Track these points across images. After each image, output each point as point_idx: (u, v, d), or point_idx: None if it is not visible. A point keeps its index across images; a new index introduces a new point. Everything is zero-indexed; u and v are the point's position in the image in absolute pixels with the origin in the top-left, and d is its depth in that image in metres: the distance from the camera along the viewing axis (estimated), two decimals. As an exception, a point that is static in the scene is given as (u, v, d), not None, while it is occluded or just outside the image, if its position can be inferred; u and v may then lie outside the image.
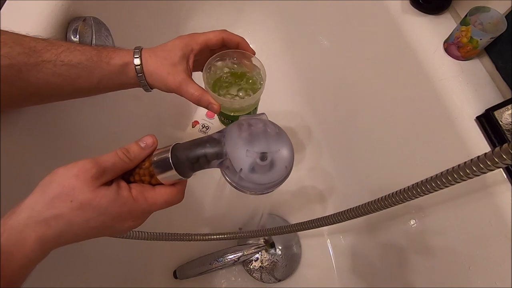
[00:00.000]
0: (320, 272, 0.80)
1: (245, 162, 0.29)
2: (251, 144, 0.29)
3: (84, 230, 0.27)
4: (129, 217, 0.29)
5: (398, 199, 0.36)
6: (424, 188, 0.32)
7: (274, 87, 0.97)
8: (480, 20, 0.52)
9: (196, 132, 0.86)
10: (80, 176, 0.26)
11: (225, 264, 0.74)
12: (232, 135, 0.30)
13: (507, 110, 0.47)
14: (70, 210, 0.26)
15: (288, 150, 0.31)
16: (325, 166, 0.88)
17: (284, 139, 0.31)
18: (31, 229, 0.25)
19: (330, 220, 0.46)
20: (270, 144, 0.30)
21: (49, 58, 0.34)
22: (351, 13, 0.76)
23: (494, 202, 0.46)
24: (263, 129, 0.31)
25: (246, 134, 0.30)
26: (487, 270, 0.46)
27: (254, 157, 0.29)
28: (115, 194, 0.27)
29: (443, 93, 0.53)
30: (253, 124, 0.31)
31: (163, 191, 0.30)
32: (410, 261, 0.61)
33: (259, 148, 0.29)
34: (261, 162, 0.29)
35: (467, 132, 0.50)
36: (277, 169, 0.30)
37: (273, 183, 0.31)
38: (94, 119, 0.58)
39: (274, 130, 0.31)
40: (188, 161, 0.29)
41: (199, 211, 0.84)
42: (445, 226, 0.54)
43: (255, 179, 0.30)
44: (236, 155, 0.29)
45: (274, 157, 0.30)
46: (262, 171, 0.30)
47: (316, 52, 0.89)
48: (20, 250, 0.24)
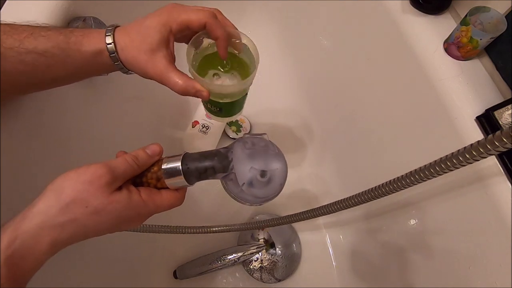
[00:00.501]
0: (320, 272, 0.80)
1: (248, 177, 0.33)
2: (254, 162, 0.33)
3: (94, 231, 0.28)
4: (137, 219, 0.31)
5: (393, 187, 0.37)
6: (422, 174, 0.34)
7: (274, 87, 0.97)
8: (480, 20, 0.52)
9: (196, 132, 0.86)
10: (95, 182, 0.27)
11: (225, 264, 0.74)
12: (238, 152, 0.33)
13: (507, 110, 0.47)
14: (85, 215, 0.26)
15: (284, 170, 0.34)
16: (325, 166, 0.88)
17: (282, 159, 0.35)
18: (46, 233, 0.25)
19: (325, 210, 0.47)
20: (270, 163, 0.33)
21: (11, 45, 0.32)
22: (351, 13, 0.76)
23: (494, 202, 0.46)
24: (264, 148, 0.34)
25: (249, 152, 0.33)
26: (487, 270, 0.46)
27: (255, 174, 0.32)
28: (128, 199, 0.29)
29: (443, 93, 0.53)
30: (256, 143, 0.34)
31: (169, 195, 0.32)
32: (410, 261, 0.61)
33: (261, 165, 0.33)
34: (261, 179, 0.33)
35: (467, 132, 0.50)
36: (273, 185, 0.34)
37: (268, 198, 0.34)
38: (94, 119, 0.58)
39: (274, 150, 0.35)
40: (197, 171, 0.32)
41: (198, 212, 0.84)
42: (445, 226, 0.54)
43: (253, 193, 0.33)
44: (241, 170, 0.32)
45: (272, 175, 0.33)
46: (260, 186, 0.33)
47: (316, 52, 0.89)
48: (33, 254, 0.25)
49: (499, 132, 0.26)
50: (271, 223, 0.57)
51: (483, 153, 0.27)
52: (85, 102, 0.56)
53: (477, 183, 0.48)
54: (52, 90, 0.37)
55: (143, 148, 0.32)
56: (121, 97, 0.67)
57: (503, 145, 0.26)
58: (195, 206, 0.84)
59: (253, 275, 0.77)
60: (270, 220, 0.57)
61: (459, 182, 0.50)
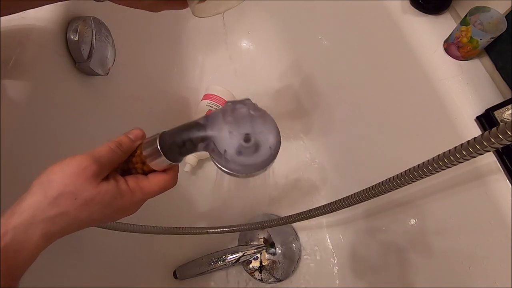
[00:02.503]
0: (320, 272, 0.80)
1: (229, 144, 0.30)
2: (235, 127, 0.30)
3: (87, 222, 0.28)
4: (128, 207, 0.30)
5: (390, 185, 0.37)
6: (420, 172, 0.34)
7: (274, 86, 0.97)
8: (480, 20, 0.52)
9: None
10: (81, 173, 0.26)
11: (225, 265, 0.74)
12: (216, 119, 0.31)
13: (507, 110, 0.47)
14: (75, 207, 0.26)
15: (272, 132, 0.32)
16: (325, 165, 0.88)
17: (268, 121, 0.32)
18: (36, 227, 0.25)
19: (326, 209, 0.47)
20: (254, 126, 0.31)
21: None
22: (351, 13, 0.76)
23: (494, 201, 0.46)
24: (247, 112, 0.31)
25: (230, 118, 0.31)
26: (487, 270, 0.46)
27: (238, 139, 0.30)
28: (115, 188, 0.28)
29: (443, 93, 0.53)
30: (237, 108, 0.31)
31: (157, 179, 0.31)
32: (410, 261, 0.61)
33: (242, 129, 0.30)
34: (246, 144, 0.30)
35: (467, 132, 0.50)
36: (262, 150, 0.31)
37: (259, 165, 0.31)
38: (93, 119, 0.58)
39: (258, 113, 0.32)
40: (176, 146, 0.30)
41: (196, 213, 0.84)
42: (445, 226, 0.54)
43: (240, 161, 0.30)
44: (220, 137, 0.30)
45: (258, 139, 0.31)
46: (248, 153, 0.31)
47: (316, 52, 0.89)
48: (25, 247, 0.25)
49: (495, 128, 0.26)
50: (271, 224, 0.57)
51: (479, 149, 0.27)
52: (84, 102, 0.56)
53: (477, 182, 0.48)
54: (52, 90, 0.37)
55: (125, 134, 0.32)
56: (121, 97, 0.67)
57: (499, 141, 0.26)
58: (194, 206, 0.84)
59: (253, 275, 0.77)
60: (270, 221, 0.57)
61: (459, 181, 0.50)
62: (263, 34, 0.99)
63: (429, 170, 0.33)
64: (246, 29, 0.99)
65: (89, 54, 0.51)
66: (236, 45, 1.01)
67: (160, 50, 0.84)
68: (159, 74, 0.84)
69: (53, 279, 0.46)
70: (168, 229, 0.54)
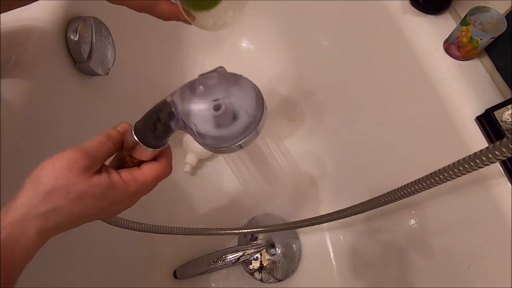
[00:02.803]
0: (320, 272, 0.80)
1: (198, 116, 0.27)
2: (203, 96, 0.27)
3: (82, 217, 0.28)
4: (124, 200, 0.30)
5: (397, 196, 0.37)
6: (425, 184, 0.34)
7: (274, 86, 0.97)
8: (480, 20, 0.52)
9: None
10: (72, 167, 0.26)
11: (225, 264, 0.74)
12: (182, 92, 0.28)
13: (507, 110, 0.47)
14: (68, 201, 0.26)
15: (246, 94, 0.28)
16: (325, 165, 0.88)
17: (244, 85, 0.29)
18: (31, 223, 0.25)
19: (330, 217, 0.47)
20: (223, 92, 0.27)
21: None
22: (351, 13, 0.76)
23: (495, 202, 0.46)
24: (217, 80, 0.28)
25: (198, 89, 0.28)
26: (487, 270, 0.46)
27: (207, 109, 0.27)
28: (108, 180, 0.28)
29: (443, 93, 0.53)
30: (206, 77, 0.29)
31: (149, 168, 0.31)
32: (410, 261, 0.61)
33: (209, 98, 0.27)
34: (217, 112, 0.27)
35: (467, 132, 0.50)
36: (240, 118, 0.28)
37: (240, 134, 0.28)
38: (93, 119, 0.58)
39: (231, 78, 0.29)
40: (149, 131, 0.29)
41: (196, 213, 0.84)
42: (445, 226, 0.54)
43: (216, 134, 0.28)
44: (186, 110, 0.28)
45: (231, 105, 0.27)
46: (223, 124, 0.27)
47: (316, 52, 0.89)
48: (21, 244, 0.25)
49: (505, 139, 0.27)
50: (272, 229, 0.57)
51: (485, 161, 0.28)
52: (84, 102, 0.56)
53: (478, 184, 0.48)
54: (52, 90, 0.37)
55: (112, 127, 0.31)
56: (121, 97, 0.67)
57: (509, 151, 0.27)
58: (194, 206, 0.84)
59: (253, 275, 0.77)
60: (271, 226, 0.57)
61: (460, 183, 0.50)
62: (263, 34, 0.99)
63: (436, 181, 0.33)
64: (246, 29, 0.99)
65: (89, 54, 0.51)
66: (236, 45, 1.01)
67: (160, 50, 0.84)
68: (159, 74, 0.84)
69: (53, 279, 0.46)
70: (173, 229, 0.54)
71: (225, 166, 0.89)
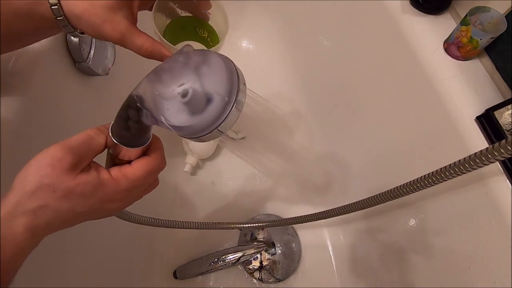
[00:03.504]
0: (320, 272, 0.80)
1: (165, 106, 0.25)
2: (167, 83, 0.25)
3: (72, 215, 0.27)
4: (115, 198, 0.29)
5: (396, 194, 0.38)
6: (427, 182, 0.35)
7: (274, 86, 0.97)
8: (480, 20, 0.52)
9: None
10: (56, 165, 0.25)
11: (225, 265, 0.74)
12: (147, 82, 0.26)
13: (507, 110, 0.47)
14: (55, 199, 0.25)
15: (215, 73, 0.25)
16: (325, 165, 0.88)
17: (211, 62, 0.26)
18: (19, 220, 0.25)
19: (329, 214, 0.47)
20: (193, 74, 0.25)
21: None
22: (351, 13, 0.76)
23: (495, 202, 0.46)
24: (183, 62, 0.25)
25: (159, 75, 0.25)
26: (487, 270, 0.46)
27: (172, 97, 0.24)
28: (96, 178, 0.27)
29: (443, 93, 0.53)
30: (169, 60, 0.26)
31: (139, 163, 0.29)
32: (410, 261, 0.61)
33: (172, 83, 0.24)
34: (185, 99, 0.24)
35: (467, 132, 0.50)
36: (210, 100, 0.24)
37: (215, 119, 0.25)
38: (93, 119, 0.58)
39: (198, 58, 0.26)
40: (123, 130, 0.27)
41: (196, 213, 0.84)
42: (445, 226, 0.54)
43: (189, 122, 0.25)
44: (153, 102, 0.25)
45: (200, 87, 0.24)
46: (195, 108, 0.24)
47: (316, 52, 0.89)
48: (10, 241, 0.24)
49: (504, 140, 0.27)
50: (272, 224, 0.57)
51: (484, 161, 0.29)
52: (84, 102, 0.56)
53: (477, 183, 0.48)
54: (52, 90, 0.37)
55: (104, 125, 0.30)
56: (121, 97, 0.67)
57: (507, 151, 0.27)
58: (194, 206, 0.84)
59: (253, 275, 0.77)
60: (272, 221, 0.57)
61: (459, 182, 0.50)
62: (263, 34, 0.99)
63: (434, 181, 0.33)
64: (246, 29, 0.99)
65: (89, 54, 0.51)
66: (236, 45, 1.01)
67: (160, 50, 0.84)
68: (159, 74, 0.83)
69: (53, 278, 0.46)
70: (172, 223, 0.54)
71: (225, 167, 0.89)
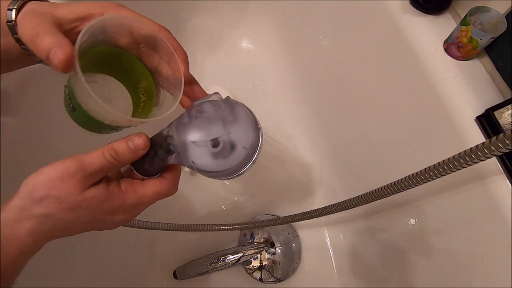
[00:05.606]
0: (320, 272, 0.80)
1: (197, 154, 0.28)
2: (200, 134, 0.28)
3: (75, 225, 0.27)
4: (120, 211, 0.29)
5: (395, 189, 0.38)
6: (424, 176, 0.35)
7: (274, 87, 0.97)
8: (480, 20, 0.52)
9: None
10: (65, 179, 0.26)
11: (225, 265, 0.74)
12: (178, 129, 0.28)
13: (507, 110, 0.47)
14: (60, 210, 0.26)
15: (243, 128, 0.28)
16: (324, 166, 0.88)
17: (240, 116, 0.29)
18: (22, 225, 0.25)
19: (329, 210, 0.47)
20: (223, 128, 0.28)
21: None
22: (351, 13, 0.76)
23: (495, 202, 0.46)
24: (213, 113, 0.28)
25: (193, 124, 0.28)
26: (487, 270, 0.46)
27: (205, 146, 0.27)
28: (105, 192, 0.27)
29: (443, 93, 0.53)
30: (201, 110, 0.29)
31: (153, 182, 0.30)
32: (410, 261, 0.61)
33: (209, 135, 0.27)
34: (215, 149, 0.27)
35: (467, 132, 0.50)
36: (236, 151, 0.28)
37: (237, 168, 0.29)
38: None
39: (227, 111, 0.29)
40: (146, 164, 0.29)
41: (196, 213, 0.84)
42: (445, 226, 0.54)
43: (213, 168, 0.28)
44: (184, 147, 0.28)
45: (229, 140, 0.28)
46: (220, 157, 0.28)
47: (316, 52, 0.89)
48: (13, 244, 0.25)
49: (502, 134, 0.27)
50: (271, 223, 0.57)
51: (480, 156, 0.29)
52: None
53: (477, 183, 0.48)
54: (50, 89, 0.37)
55: (125, 139, 0.28)
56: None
57: (505, 146, 0.27)
58: (194, 206, 0.84)
59: (253, 275, 0.77)
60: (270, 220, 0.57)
61: (459, 182, 0.51)
62: (263, 34, 0.99)
63: (431, 176, 0.33)
64: (246, 29, 0.99)
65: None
66: (236, 45, 1.01)
67: (160, 50, 0.84)
68: (159, 74, 0.83)
69: (53, 279, 0.46)
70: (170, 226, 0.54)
71: (225, 166, 0.89)
